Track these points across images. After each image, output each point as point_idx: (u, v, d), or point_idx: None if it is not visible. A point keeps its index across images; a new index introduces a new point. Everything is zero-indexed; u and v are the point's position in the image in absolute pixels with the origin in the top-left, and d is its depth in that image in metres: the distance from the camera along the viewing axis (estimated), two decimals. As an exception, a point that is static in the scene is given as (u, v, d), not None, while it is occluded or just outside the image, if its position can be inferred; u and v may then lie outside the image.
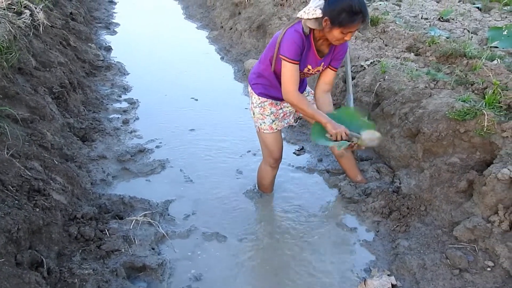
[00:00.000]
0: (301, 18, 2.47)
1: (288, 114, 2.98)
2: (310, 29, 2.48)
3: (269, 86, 2.76)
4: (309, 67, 2.63)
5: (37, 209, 2.30)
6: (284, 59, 2.48)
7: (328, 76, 2.73)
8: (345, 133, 2.49)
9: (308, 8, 2.42)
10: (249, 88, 2.92)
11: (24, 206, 2.23)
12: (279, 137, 2.98)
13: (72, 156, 3.33)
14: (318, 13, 2.38)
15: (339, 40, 2.42)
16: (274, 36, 2.62)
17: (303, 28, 2.46)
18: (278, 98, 2.81)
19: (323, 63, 2.66)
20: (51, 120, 3.39)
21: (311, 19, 2.42)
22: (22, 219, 2.11)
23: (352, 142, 2.53)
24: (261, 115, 2.87)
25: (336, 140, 2.52)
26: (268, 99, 2.83)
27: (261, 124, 2.90)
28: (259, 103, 2.85)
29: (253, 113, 2.93)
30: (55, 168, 2.83)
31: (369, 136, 2.56)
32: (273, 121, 2.89)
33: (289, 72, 2.49)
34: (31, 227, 2.17)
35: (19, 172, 2.44)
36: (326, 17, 2.34)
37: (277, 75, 2.67)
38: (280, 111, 2.92)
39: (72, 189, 2.86)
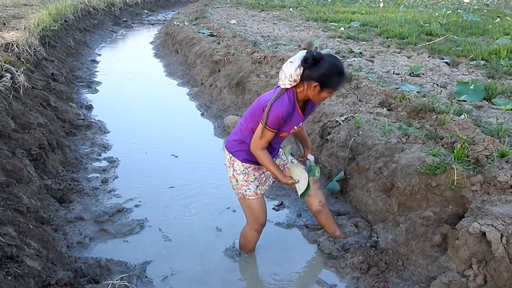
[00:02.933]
0: (285, 89, 2.57)
1: (268, 177, 3.02)
2: (295, 93, 2.58)
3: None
4: (295, 127, 2.74)
5: (9, 277, 2.25)
6: (265, 126, 2.56)
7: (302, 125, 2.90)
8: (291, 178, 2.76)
9: (291, 76, 2.50)
10: (229, 157, 2.89)
11: (-5, 274, 2.18)
12: (264, 201, 3.01)
13: (49, 219, 3.29)
14: (299, 73, 2.48)
15: (323, 99, 2.59)
16: (258, 104, 2.67)
17: (292, 95, 2.58)
18: None
19: (302, 122, 2.78)
20: (28, 182, 3.37)
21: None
22: (-7, 289, 2.06)
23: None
24: (246, 181, 2.87)
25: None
26: (251, 165, 2.86)
27: (245, 191, 2.90)
28: (243, 170, 2.86)
29: (236, 181, 2.89)
30: (30, 232, 2.79)
31: (299, 172, 2.77)
32: (257, 186, 2.91)
33: (264, 136, 2.61)
34: (2, 297, 2.12)
35: (-8, 239, 2.41)
36: (316, 83, 2.45)
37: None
38: (263, 175, 2.96)
39: (47, 253, 2.81)
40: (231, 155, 2.87)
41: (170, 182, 4.43)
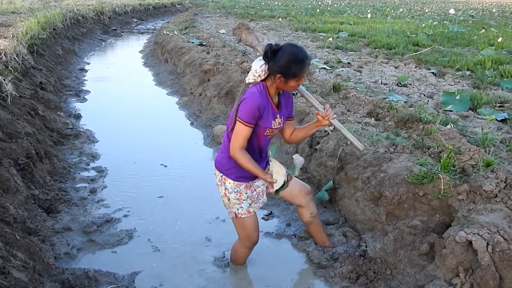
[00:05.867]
0: (249, 83, 2.58)
1: (261, 194, 2.96)
2: (265, 86, 2.58)
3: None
4: (274, 123, 2.66)
5: (-5, 289, 2.23)
6: (239, 121, 2.52)
7: (290, 126, 2.88)
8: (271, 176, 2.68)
9: (256, 71, 2.53)
10: (220, 176, 2.81)
11: (-19, 286, 2.16)
12: (256, 219, 2.96)
13: (36, 230, 3.26)
14: (264, 68, 2.52)
15: (295, 87, 2.59)
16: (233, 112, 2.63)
17: (263, 88, 2.57)
18: (253, 176, 2.77)
19: (279, 115, 2.69)
20: (15, 192, 3.34)
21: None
22: (-22, 302, 2.03)
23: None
24: (238, 200, 2.80)
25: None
26: (243, 182, 2.78)
27: (238, 209, 2.82)
28: (235, 188, 2.77)
29: (228, 200, 2.82)
30: (16, 243, 2.76)
31: (277, 168, 2.79)
32: (250, 204, 2.84)
33: (240, 132, 2.54)
34: (-12, 309, 2.09)
35: (-22, 250, 2.38)
36: (278, 75, 2.48)
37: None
38: (255, 192, 2.87)
39: (34, 265, 2.77)
40: (221, 174, 2.79)
41: (159, 192, 4.42)
